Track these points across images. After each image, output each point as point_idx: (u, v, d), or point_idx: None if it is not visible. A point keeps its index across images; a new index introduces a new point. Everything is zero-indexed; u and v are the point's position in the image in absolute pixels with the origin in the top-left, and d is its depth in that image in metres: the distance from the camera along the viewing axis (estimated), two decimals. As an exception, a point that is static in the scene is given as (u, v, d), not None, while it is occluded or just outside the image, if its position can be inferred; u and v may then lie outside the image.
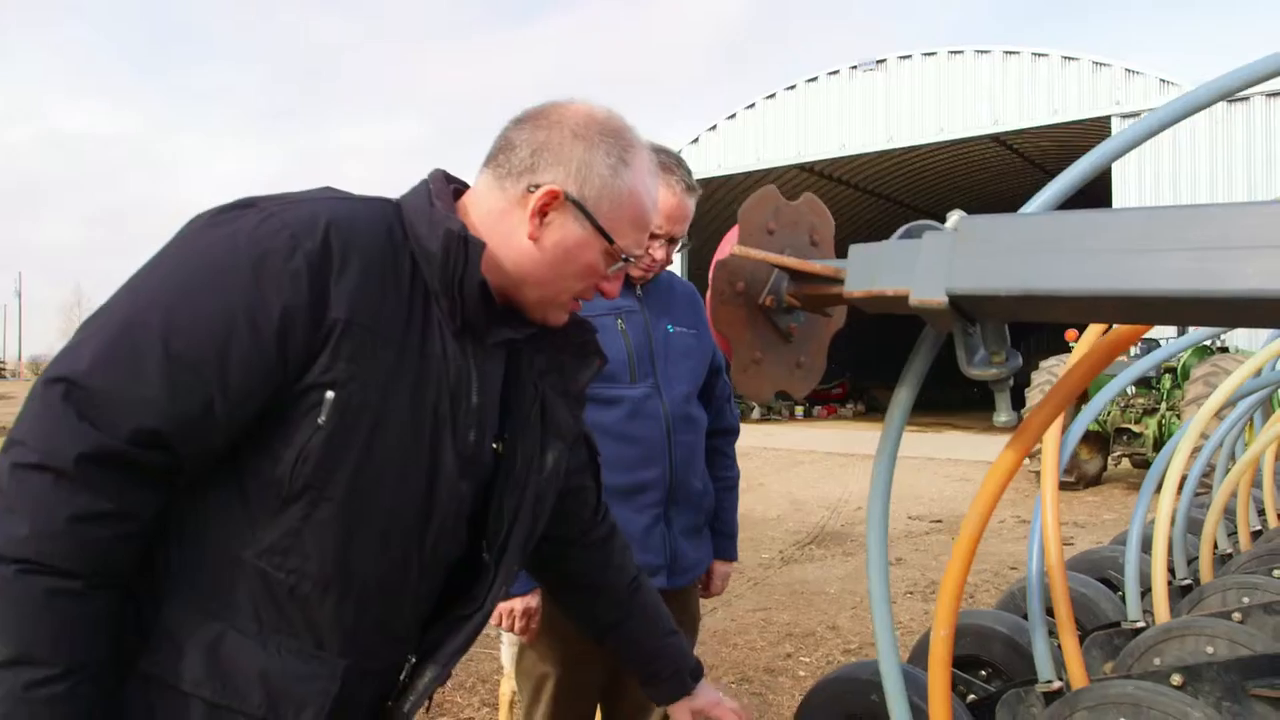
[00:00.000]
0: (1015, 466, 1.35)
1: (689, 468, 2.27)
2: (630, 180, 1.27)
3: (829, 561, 7.27)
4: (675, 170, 2.21)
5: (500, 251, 1.26)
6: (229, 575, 1.14)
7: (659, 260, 2.24)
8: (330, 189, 1.26)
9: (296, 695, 1.16)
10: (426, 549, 1.25)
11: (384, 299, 1.17)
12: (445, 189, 1.29)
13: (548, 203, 1.23)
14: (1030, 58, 18.59)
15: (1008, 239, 1.14)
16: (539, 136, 1.26)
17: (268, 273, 1.09)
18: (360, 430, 1.15)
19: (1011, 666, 2.47)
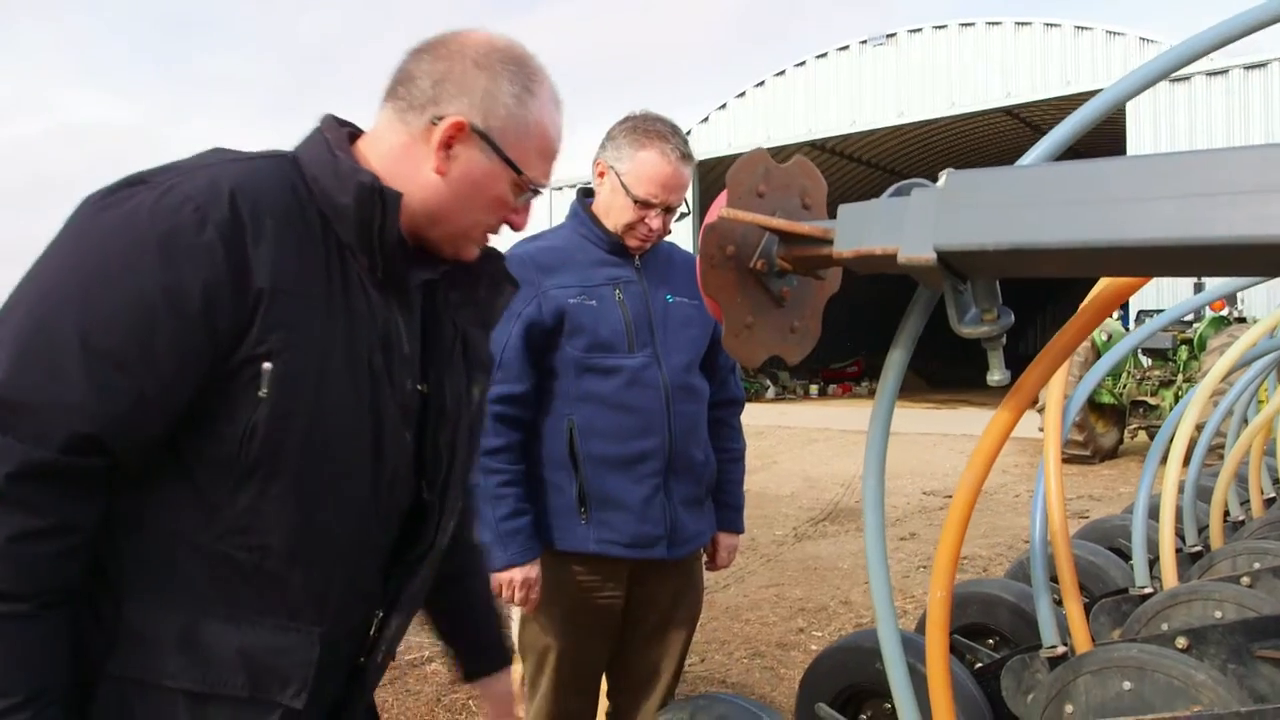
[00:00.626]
0: (1011, 425, 1.34)
1: (689, 438, 2.26)
2: (536, 109, 1.25)
3: (842, 538, 7.27)
4: (670, 138, 2.19)
5: (407, 189, 1.21)
6: (190, 563, 1.11)
7: (655, 229, 2.22)
8: (220, 150, 1.19)
9: (280, 670, 1.15)
10: (381, 502, 1.24)
11: (301, 260, 1.13)
12: (341, 135, 1.25)
13: (453, 134, 1.20)
14: (1042, 28, 18.37)
15: (995, 193, 1.13)
16: (440, 67, 1.22)
17: (178, 250, 1.04)
18: (303, 397, 1.12)
19: (1019, 634, 2.47)
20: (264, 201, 1.11)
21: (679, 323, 2.28)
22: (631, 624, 2.34)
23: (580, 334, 2.17)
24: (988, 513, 8.20)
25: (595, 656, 2.32)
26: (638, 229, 2.21)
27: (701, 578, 2.47)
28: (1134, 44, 17.28)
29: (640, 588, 2.30)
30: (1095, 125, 1.32)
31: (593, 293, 2.19)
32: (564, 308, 2.17)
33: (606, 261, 2.25)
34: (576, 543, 2.20)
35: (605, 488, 2.18)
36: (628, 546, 2.20)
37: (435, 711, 3.71)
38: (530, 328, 2.16)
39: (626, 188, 2.18)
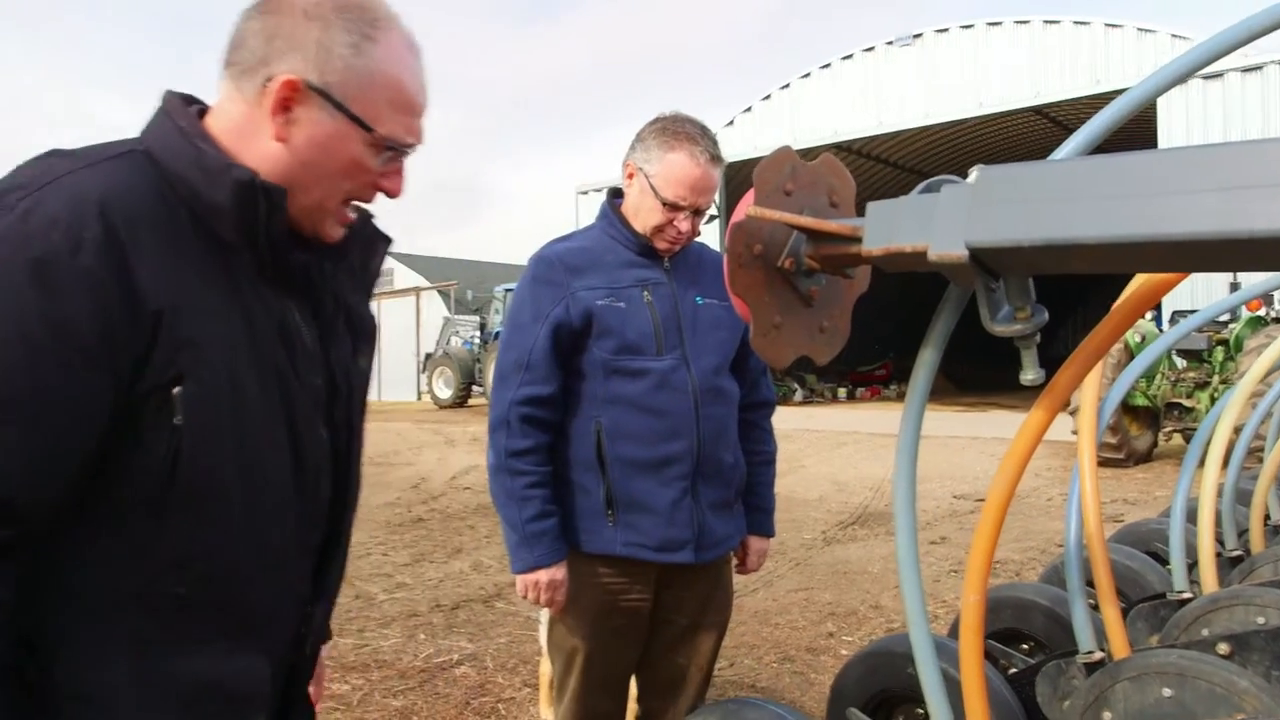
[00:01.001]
0: (1044, 427, 1.32)
1: (718, 441, 2.24)
2: (380, 58, 1.12)
3: (871, 541, 7.20)
4: (699, 140, 2.17)
5: (254, 161, 1.11)
6: (126, 610, 1.03)
7: (684, 232, 2.21)
8: (57, 152, 1.07)
9: (241, 692, 1.12)
10: (309, 503, 1.19)
11: (187, 269, 1.04)
12: (193, 118, 1.13)
13: (288, 95, 1.09)
14: (1072, 26, 18.17)
15: (1027, 188, 1.10)
16: (269, 23, 1.10)
17: (55, 279, 0.93)
18: (221, 415, 1.04)
19: (1053, 639, 2.43)
20: (135, 211, 1.01)
21: (708, 324, 2.26)
22: (659, 627, 2.33)
23: (608, 336, 2.16)
24: (1020, 516, 8.10)
25: (623, 659, 2.31)
26: (666, 231, 2.20)
27: (731, 582, 2.45)
28: (1165, 41, 17.04)
29: (668, 591, 2.29)
30: (1128, 120, 1.29)
31: (621, 294, 2.18)
32: (592, 309, 2.16)
33: (635, 263, 2.24)
34: (604, 545, 2.18)
35: (633, 490, 2.16)
36: (655, 550, 2.18)
37: (464, 714, 3.71)
38: (558, 329, 2.16)
39: (655, 190, 2.17)
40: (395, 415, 20.97)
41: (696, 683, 2.35)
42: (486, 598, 5.52)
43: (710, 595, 2.35)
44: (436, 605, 5.35)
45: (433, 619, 5.08)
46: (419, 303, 29.41)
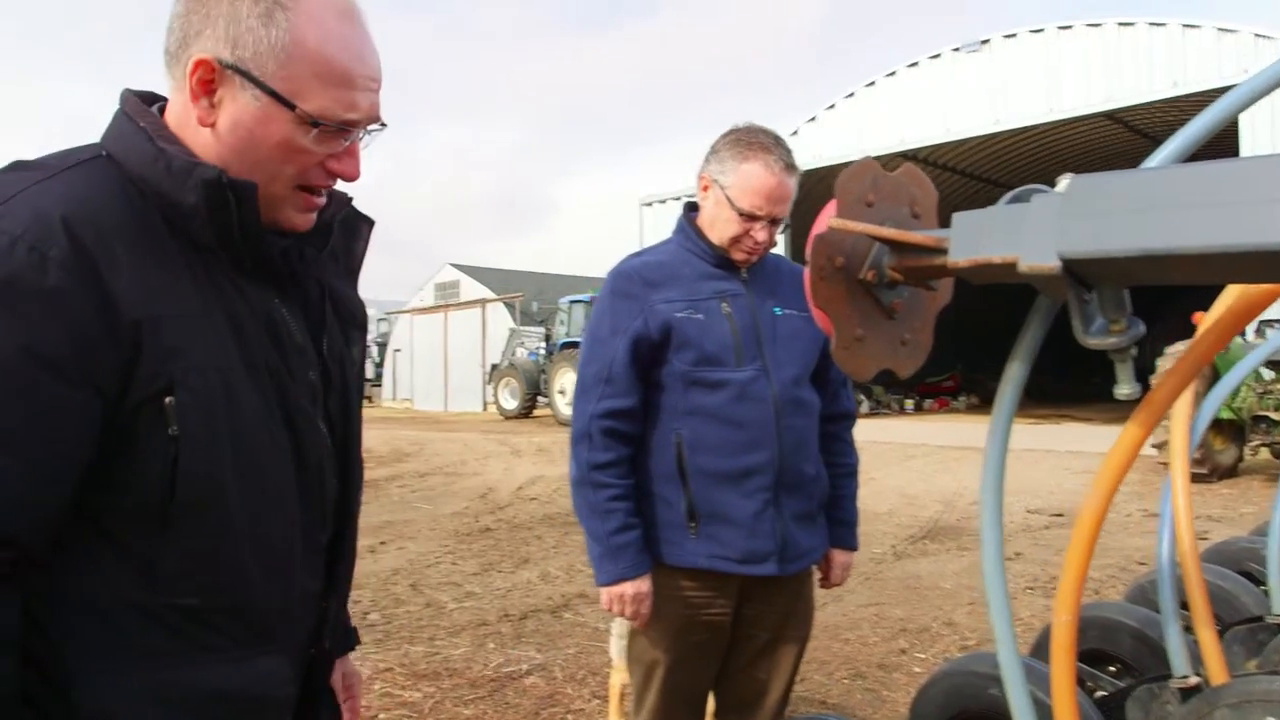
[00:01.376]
0: (1140, 442, 1.28)
1: (799, 452, 2.23)
2: (297, 27, 1.03)
3: (943, 556, 7.06)
4: (773, 149, 2.17)
5: (197, 152, 1.06)
6: (136, 626, 1.01)
7: (761, 242, 2.20)
8: (19, 164, 1.04)
9: (261, 697, 1.11)
10: (313, 502, 1.17)
11: (165, 275, 1.01)
12: (153, 117, 1.08)
13: (205, 78, 1.03)
14: (1147, 28, 17.66)
15: (1124, 196, 1.07)
16: (189, 4, 1.05)
17: (25, 300, 0.90)
18: (217, 422, 1.02)
19: (1141, 662, 2.35)
20: (103, 220, 0.98)
21: (788, 335, 2.24)
22: (740, 641, 2.31)
23: (687, 348, 2.16)
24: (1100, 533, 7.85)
25: (703, 673, 2.29)
26: (743, 242, 2.20)
27: (812, 596, 2.42)
28: (1248, 41, 16.46)
29: (749, 605, 2.27)
30: (1230, 120, 1.24)
31: (699, 306, 2.19)
32: (670, 322, 2.16)
33: (713, 275, 2.23)
34: (687, 557, 2.18)
35: (714, 502, 2.16)
36: (739, 562, 2.17)
37: (534, 726, 3.73)
38: (638, 342, 2.17)
39: (731, 201, 2.17)
40: (461, 425, 21.25)
41: (776, 699, 2.33)
42: (554, 608, 5.54)
43: (792, 609, 2.33)
44: (505, 615, 5.39)
45: (501, 628, 5.13)
46: (485, 314, 29.79)
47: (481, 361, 28.89)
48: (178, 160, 1.03)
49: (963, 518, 8.73)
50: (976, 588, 5.99)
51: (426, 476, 12.26)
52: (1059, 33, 18.75)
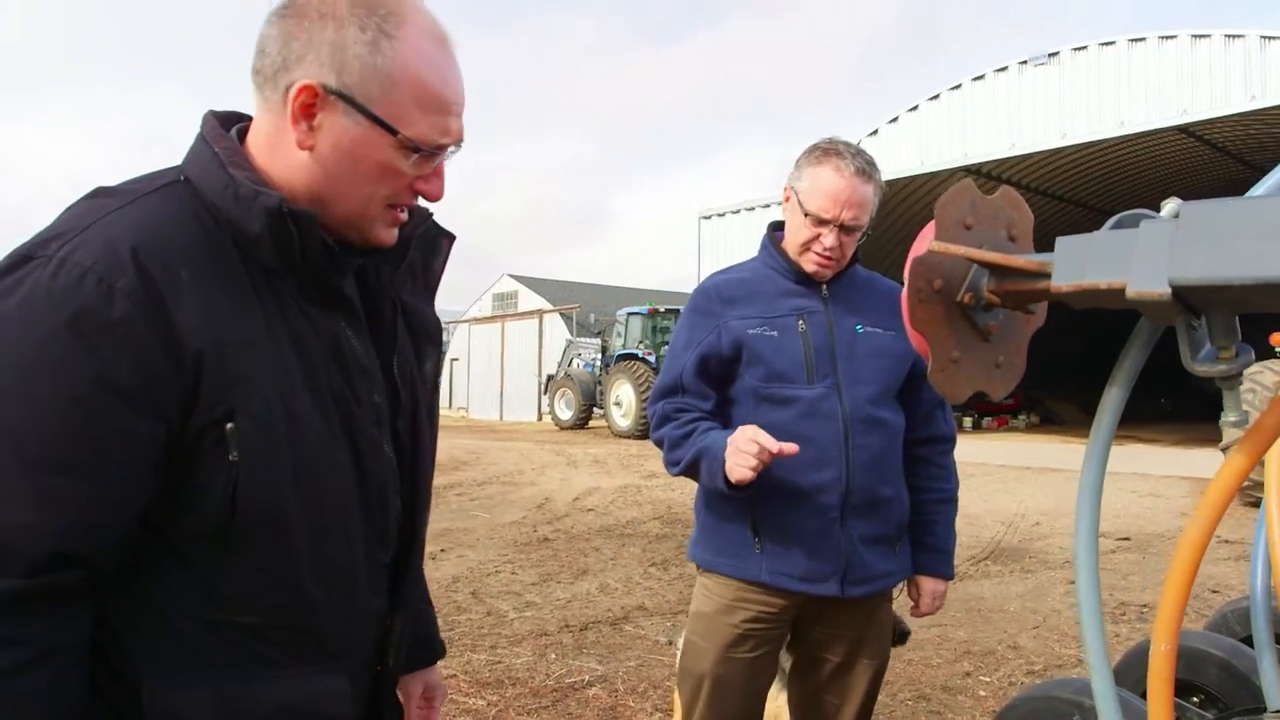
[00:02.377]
0: (1247, 470, 1.26)
1: (873, 472, 2.18)
2: (401, 54, 1.06)
3: (1006, 578, 6.93)
4: (846, 155, 2.16)
5: (286, 176, 1.09)
6: (204, 640, 1.05)
7: (830, 248, 2.18)
8: (102, 190, 1.07)
9: (320, 712, 1.13)
10: (376, 522, 1.19)
11: (231, 301, 1.03)
12: (229, 142, 1.11)
13: (308, 102, 1.05)
14: (1223, 40, 17.21)
15: (1239, 224, 1.07)
16: (286, 27, 1.06)
17: (93, 332, 0.94)
18: (278, 447, 1.04)
19: (1228, 693, 2.30)
20: (172, 249, 1.00)
21: (867, 353, 2.22)
22: (811, 665, 2.30)
23: (758, 364, 2.18)
24: (1167, 558, 7.63)
25: (752, 689, 2.26)
26: (813, 247, 2.19)
27: (889, 622, 2.38)
28: (1329, 53, 15.98)
29: (818, 627, 2.26)
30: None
31: (774, 323, 2.20)
32: (742, 339, 2.18)
33: (793, 292, 2.24)
34: (749, 572, 2.18)
35: (780, 518, 2.15)
36: (800, 580, 2.16)
37: (597, 736, 3.76)
38: (706, 357, 2.21)
39: (802, 205, 2.18)
40: (516, 435, 21.43)
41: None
42: (614, 620, 5.56)
43: (863, 635, 2.29)
44: (565, 625, 5.43)
45: (562, 639, 5.16)
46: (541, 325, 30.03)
47: (537, 372, 29.12)
48: (244, 187, 1.06)
49: (1025, 539, 8.56)
50: (1041, 611, 5.88)
51: (484, 485, 12.39)
52: (1130, 45, 18.37)
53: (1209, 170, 23.61)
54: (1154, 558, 7.68)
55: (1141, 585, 6.58)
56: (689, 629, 2.31)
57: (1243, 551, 7.49)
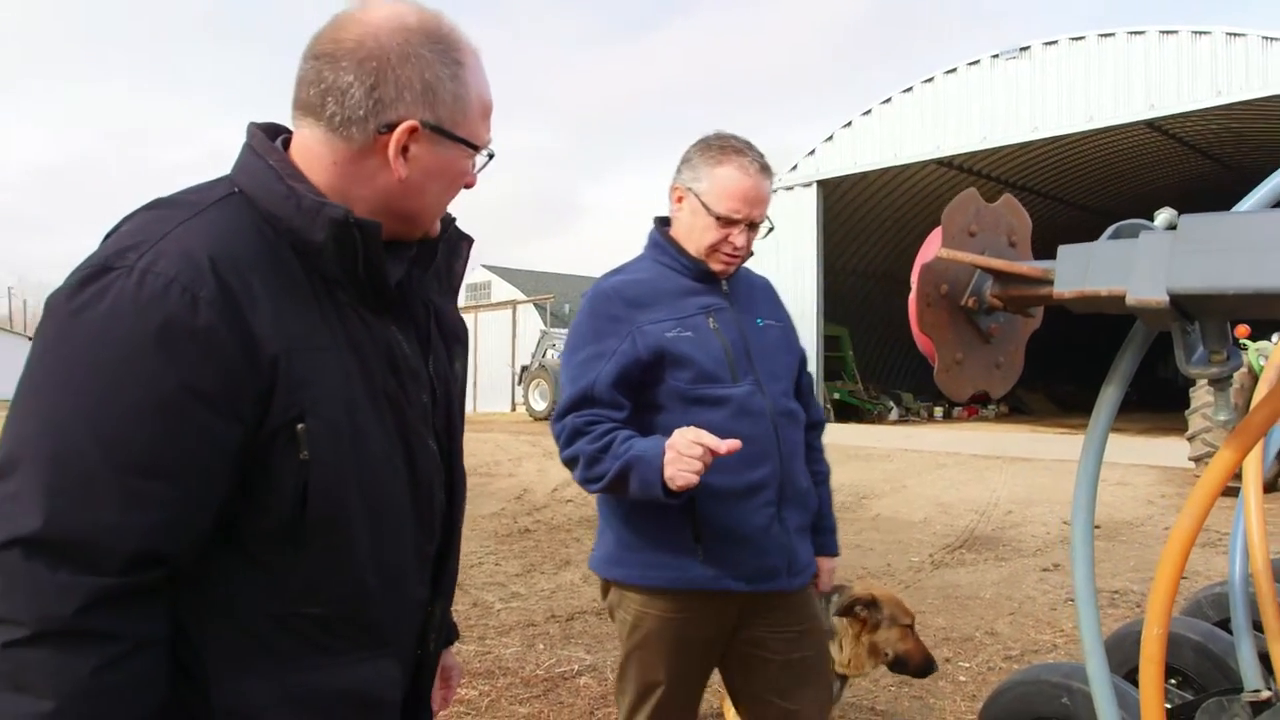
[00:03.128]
0: (1236, 463, 1.34)
1: (796, 464, 2.20)
2: (469, 78, 1.18)
3: (981, 566, 7.08)
4: (747, 151, 2.14)
5: (362, 196, 1.16)
6: (270, 633, 1.10)
7: (740, 247, 2.17)
8: (161, 203, 1.13)
9: (377, 696, 1.20)
10: (423, 516, 1.25)
11: (296, 309, 1.09)
12: (282, 155, 1.17)
13: (404, 140, 1.14)
14: (1190, 36, 17.47)
15: (1233, 237, 1.14)
16: (368, 71, 1.12)
17: (179, 341, 0.99)
18: (343, 446, 1.10)
19: (1205, 676, 2.40)
20: (243, 260, 1.06)
21: (774, 348, 2.23)
22: (755, 665, 2.21)
23: (683, 366, 2.10)
24: (1135, 545, 7.85)
25: (696, 690, 2.25)
26: (722, 248, 2.15)
27: (818, 612, 2.37)
28: (1293, 50, 16.28)
29: (752, 627, 2.20)
30: (1327, 165, 1.30)
31: (687, 323, 2.14)
32: (661, 343, 2.10)
33: (695, 290, 2.19)
34: (694, 581, 2.10)
35: (723, 520, 2.09)
36: (748, 580, 2.11)
37: (590, 724, 3.82)
38: (627, 367, 2.10)
39: (707, 206, 2.12)
40: (491, 426, 21.41)
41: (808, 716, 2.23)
42: (599, 610, 5.62)
43: (803, 628, 2.24)
44: (552, 616, 5.49)
45: (549, 629, 5.22)
46: (515, 315, 29.96)
47: (511, 362, 29.07)
48: (307, 199, 1.11)
49: (998, 528, 8.73)
50: (1016, 598, 6.02)
51: (462, 476, 12.38)
52: (1100, 40, 18.60)
53: (1175, 164, 23.99)
54: (1122, 545, 7.87)
55: (1111, 572, 6.74)
56: (627, 647, 2.21)
57: (1209, 539, 7.70)
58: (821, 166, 22.55)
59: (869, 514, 9.62)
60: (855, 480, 11.99)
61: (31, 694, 0.93)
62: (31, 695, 0.93)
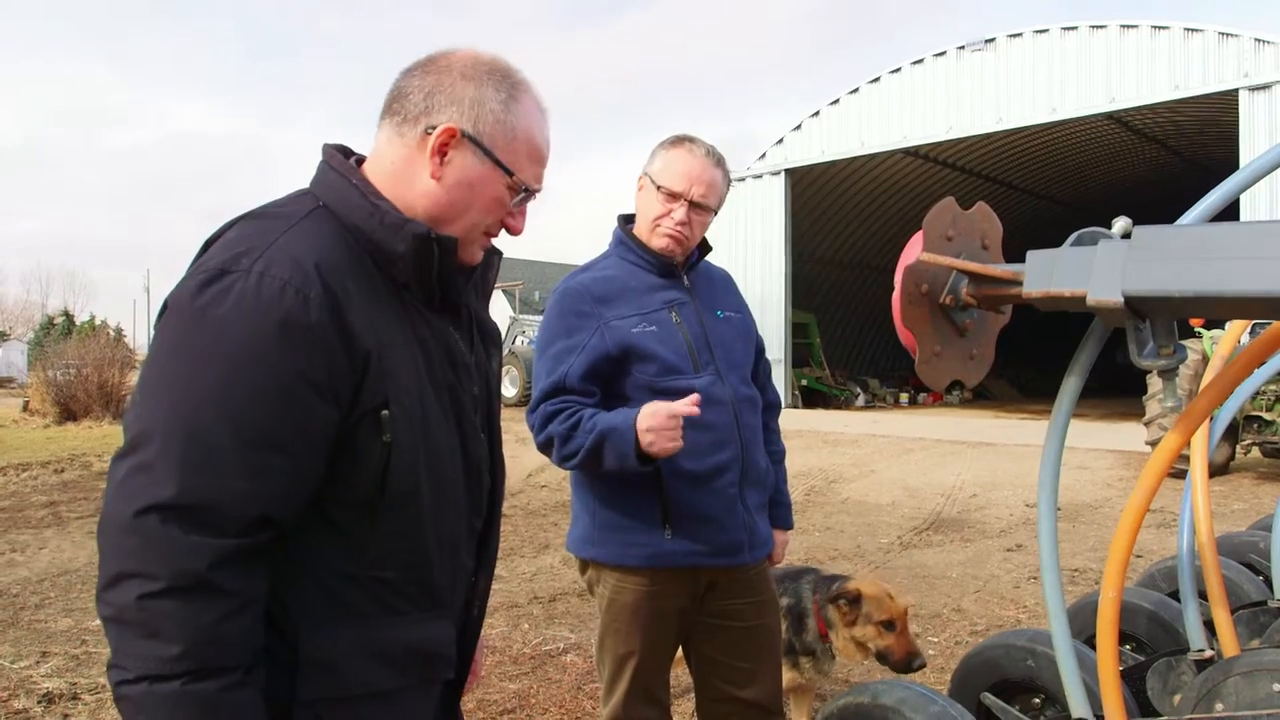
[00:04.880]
0: (1181, 446, 1.51)
1: (755, 447, 2.36)
2: (521, 114, 1.31)
3: (948, 547, 7.32)
4: (699, 141, 2.32)
5: (409, 198, 1.29)
6: (348, 592, 1.24)
7: (681, 223, 2.28)
8: (253, 214, 1.27)
9: (437, 652, 1.34)
10: (474, 495, 1.40)
11: (380, 310, 1.24)
12: (361, 175, 1.31)
13: (446, 141, 1.27)
14: (1150, 31, 17.87)
15: (1180, 247, 1.30)
16: (430, 81, 1.29)
17: (297, 334, 1.13)
18: (415, 432, 1.24)
19: (1155, 640, 2.59)
20: (340, 267, 1.21)
21: (732, 337, 2.37)
22: (714, 633, 2.37)
23: (648, 359, 2.23)
24: (1094, 526, 8.14)
25: (667, 659, 2.40)
26: (663, 222, 2.29)
27: (772, 585, 2.53)
28: (1249, 45, 16.70)
29: (715, 599, 2.34)
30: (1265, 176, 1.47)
31: (651, 318, 2.27)
32: (627, 338, 2.23)
33: (659, 285, 2.32)
34: (664, 558, 2.25)
35: (690, 503, 2.24)
36: (713, 555, 2.26)
37: (578, 698, 3.97)
38: (596, 361, 2.23)
39: (656, 183, 2.29)
40: (464, 413, 21.43)
41: (772, 684, 2.40)
42: (580, 591, 5.77)
43: (762, 595, 2.41)
44: (534, 597, 5.63)
45: (533, 610, 5.37)
46: (485, 302, 29.93)
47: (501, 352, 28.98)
48: (390, 215, 1.27)
49: (964, 510, 8.99)
50: (981, 577, 6.25)
51: (436, 462, 12.44)
52: (1063, 34, 18.95)
53: (1134, 155, 24.49)
54: (1083, 526, 8.16)
55: (1072, 551, 7.00)
56: (605, 619, 2.35)
57: (1163, 520, 8.00)
58: (790, 155, 22.77)
59: (839, 498, 9.85)
60: (825, 465, 12.23)
61: (162, 639, 1.06)
62: (162, 640, 1.06)
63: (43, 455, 13.05)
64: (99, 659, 4.48)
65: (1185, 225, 1.36)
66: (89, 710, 3.94)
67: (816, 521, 8.52)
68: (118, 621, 1.08)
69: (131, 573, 1.07)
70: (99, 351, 20.13)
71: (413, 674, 1.31)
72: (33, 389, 20.96)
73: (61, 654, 4.65)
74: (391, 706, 1.28)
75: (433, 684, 1.37)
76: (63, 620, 5.26)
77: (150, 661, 1.06)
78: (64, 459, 12.58)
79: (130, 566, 1.07)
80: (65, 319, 54.06)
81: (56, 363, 20.40)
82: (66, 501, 9.43)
